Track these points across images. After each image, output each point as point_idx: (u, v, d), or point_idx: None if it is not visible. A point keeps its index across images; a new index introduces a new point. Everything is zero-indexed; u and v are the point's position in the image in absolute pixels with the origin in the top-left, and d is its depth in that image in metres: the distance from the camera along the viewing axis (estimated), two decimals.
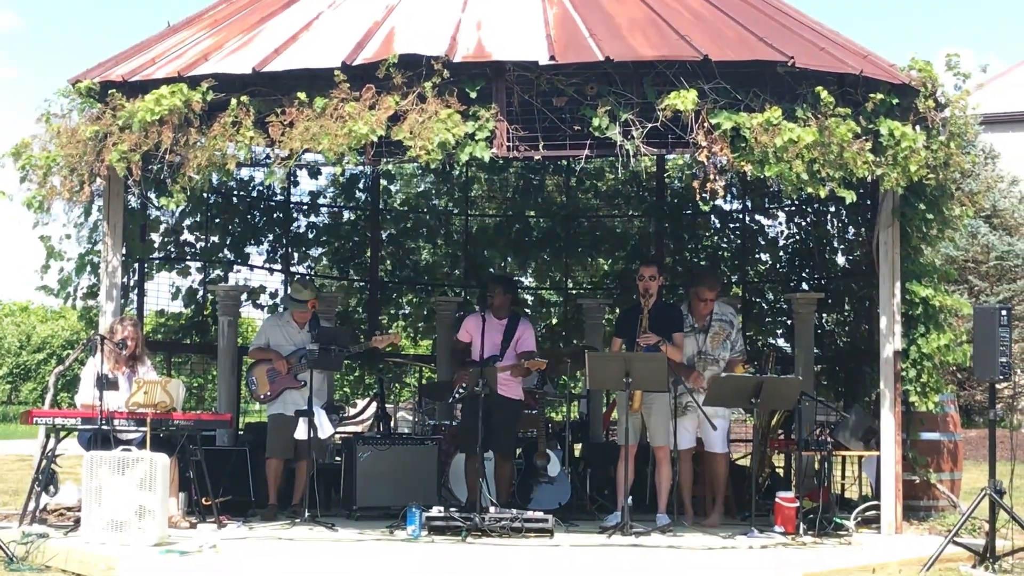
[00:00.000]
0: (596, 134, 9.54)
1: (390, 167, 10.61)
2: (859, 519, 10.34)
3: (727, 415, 10.94)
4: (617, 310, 13.01)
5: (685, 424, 10.61)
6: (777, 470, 12.50)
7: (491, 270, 15.32)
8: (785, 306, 13.79)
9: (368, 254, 15.00)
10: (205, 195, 13.17)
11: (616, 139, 9.48)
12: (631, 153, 9.46)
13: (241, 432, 12.56)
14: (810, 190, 9.49)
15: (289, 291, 11.68)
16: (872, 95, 9.62)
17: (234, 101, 9.67)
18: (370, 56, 9.60)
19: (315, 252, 15.01)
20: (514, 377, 10.66)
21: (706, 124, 9.38)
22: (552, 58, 9.46)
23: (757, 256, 14.85)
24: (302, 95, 9.53)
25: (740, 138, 9.40)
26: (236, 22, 10.74)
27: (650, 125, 9.46)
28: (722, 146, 9.39)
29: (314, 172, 14.32)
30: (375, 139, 9.38)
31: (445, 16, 10.08)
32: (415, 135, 9.35)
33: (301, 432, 10.53)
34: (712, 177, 9.51)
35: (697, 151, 9.44)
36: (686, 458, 10.80)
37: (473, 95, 9.56)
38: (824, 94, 9.39)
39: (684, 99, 9.26)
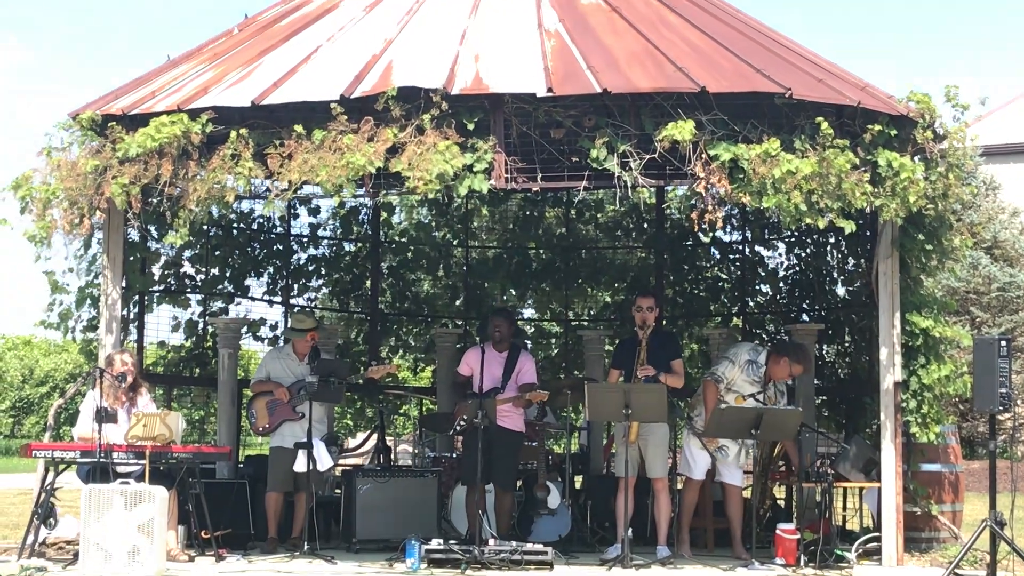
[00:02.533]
0: (594, 165, 9.57)
1: (390, 199, 10.63)
2: (860, 551, 10.31)
3: (750, 446, 10.76)
4: (617, 341, 12.98)
5: (705, 455, 10.58)
6: (778, 501, 12.46)
7: (493, 303, 15.32)
8: (786, 337, 13.76)
9: (368, 286, 15.01)
10: (205, 227, 13.20)
11: (614, 170, 9.51)
12: (629, 184, 9.49)
13: (241, 465, 12.52)
14: (809, 221, 9.50)
15: (290, 322, 11.66)
16: (870, 126, 9.62)
17: (233, 134, 9.72)
18: (368, 89, 9.64)
19: (315, 284, 15.01)
20: (516, 408, 10.64)
21: (704, 155, 9.41)
22: (550, 90, 9.50)
23: (757, 287, 14.84)
24: (300, 128, 9.57)
25: (738, 169, 9.43)
26: (235, 55, 10.78)
27: (648, 156, 9.49)
28: (720, 177, 9.41)
29: (313, 210, 14.38)
30: (373, 171, 9.42)
31: (443, 49, 10.11)
32: (413, 167, 9.38)
33: (300, 464, 10.51)
34: (711, 208, 9.53)
35: (695, 182, 9.47)
36: (694, 488, 10.76)
37: (471, 127, 9.60)
38: (823, 125, 9.42)
39: (682, 130, 9.29)
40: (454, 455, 12.11)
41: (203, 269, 13.71)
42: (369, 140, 9.48)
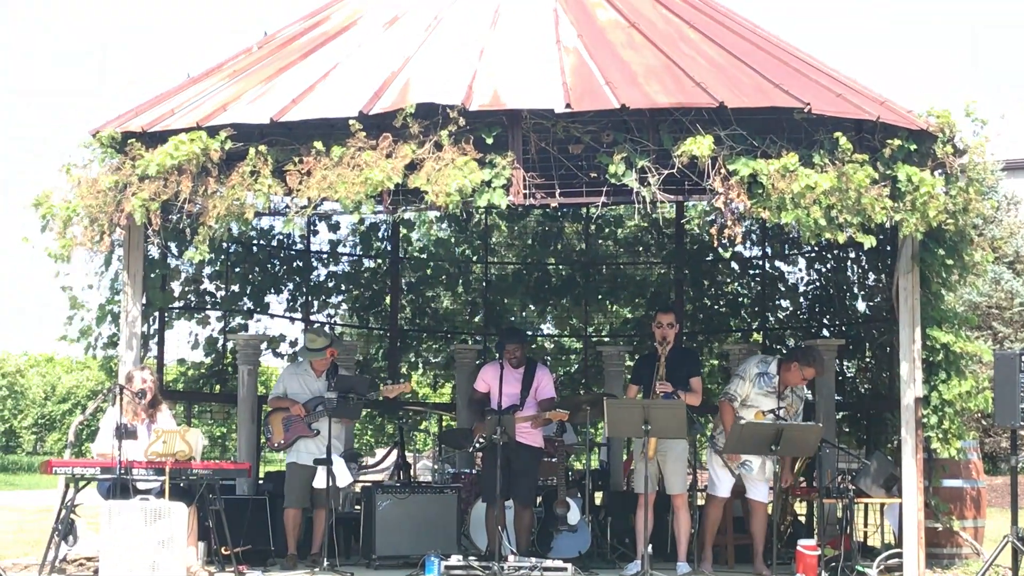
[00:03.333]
0: (613, 181, 9.56)
1: (409, 215, 10.64)
2: (882, 567, 10.27)
3: (774, 462, 10.74)
4: (636, 356, 12.98)
5: (727, 472, 10.56)
6: (799, 517, 12.42)
7: (512, 320, 15.31)
8: None
9: (388, 302, 15.02)
10: (225, 244, 13.23)
11: (632, 186, 9.50)
12: (648, 200, 9.47)
13: (261, 481, 12.55)
14: (828, 236, 9.47)
15: (304, 342, 11.67)
16: (890, 141, 9.61)
17: (252, 150, 9.74)
18: (387, 105, 9.66)
19: (335, 300, 15.02)
20: (535, 427, 10.63)
21: (723, 170, 9.39)
22: (568, 106, 9.50)
23: (777, 302, 14.81)
24: (319, 144, 9.59)
25: (757, 184, 9.41)
26: (254, 72, 10.82)
27: (666, 172, 9.49)
28: (739, 192, 9.40)
29: (333, 227, 14.41)
30: (391, 186, 9.44)
31: (461, 65, 10.13)
32: (432, 182, 9.40)
33: (320, 481, 10.52)
34: (730, 223, 9.51)
35: (714, 198, 9.45)
36: (717, 505, 10.74)
37: (490, 142, 9.60)
38: (843, 140, 9.40)
39: (700, 145, 9.28)
40: (474, 471, 12.10)
41: (223, 286, 13.74)
42: (388, 156, 9.50)
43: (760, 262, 14.77)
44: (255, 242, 13.98)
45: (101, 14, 76.83)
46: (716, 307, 15.09)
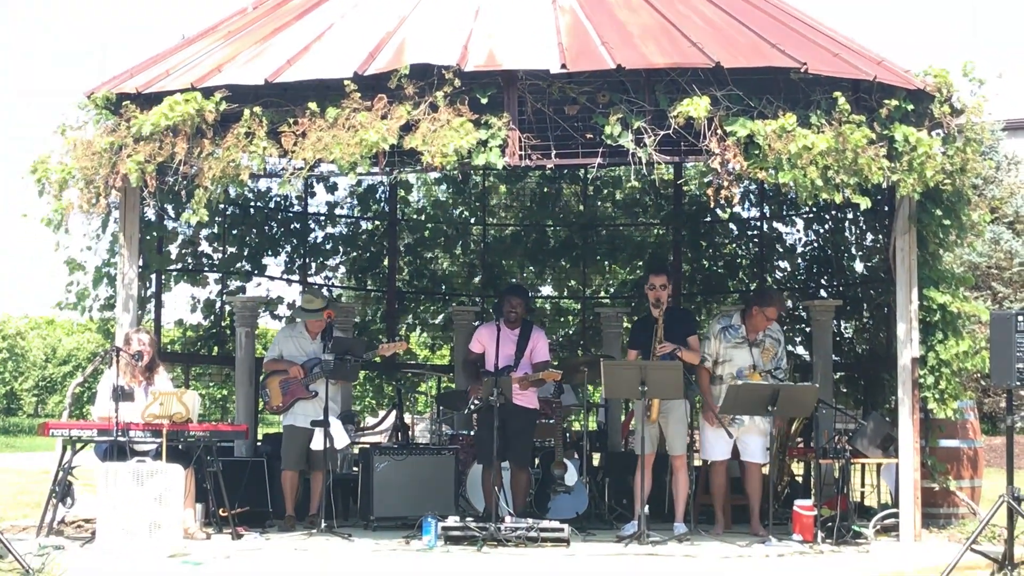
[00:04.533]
0: (609, 142, 9.53)
1: (406, 176, 10.62)
2: (878, 527, 10.29)
3: (768, 429, 10.78)
4: (635, 318, 12.98)
5: (719, 433, 10.56)
6: (796, 478, 12.44)
7: (512, 280, 15.31)
8: (803, 313, 13.72)
9: (386, 264, 15.01)
10: (222, 206, 13.20)
11: (629, 147, 9.47)
12: (644, 161, 9.44)
13: (259, 443, 12.57)
14: (825, 196, 9.45)
15: (299, 303, 11.67)
16: (887, 101, 9.57)
17: (247, 112, 9.71)
18: (382, 66, 9.61)
19: (333, 262, 15.01)
20: (523, 389, 10.61)
21: (719, 131, 9.36)
22: (563, 66, 9.45)
23: (775, 263, 14.80)
24: (314, 105, 9.56)
25: (754, 145, 9.38)
26: (249, 34, 10.76)
27: (663, 133, 9.45)
28: (735, 153, 9.37)
29: (330, 188, 14.39)
30: (387, 147, 9.42)
31: (457, 25, 10.08)
32: (428, 143, 9.37)
33: (317, 442, 10.53)
34: (727, 184, 9.48)
35: (710, 158, 9.42)
36: (720, 470, 10.76)
37: (485, 102, 9.57)
38: (840, 100, 9.36)
39: (696, 106, 9.24)
40: (471, 433, 12.12)
41: (220, 248, 13.72)
42: (383, 117, 9.46)
43: (758, 223, 14.75)
44: (252, 204, 13.96)
45: None
46: (714, 268, 15.08)
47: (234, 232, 13.83)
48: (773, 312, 10.74)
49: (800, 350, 14.03)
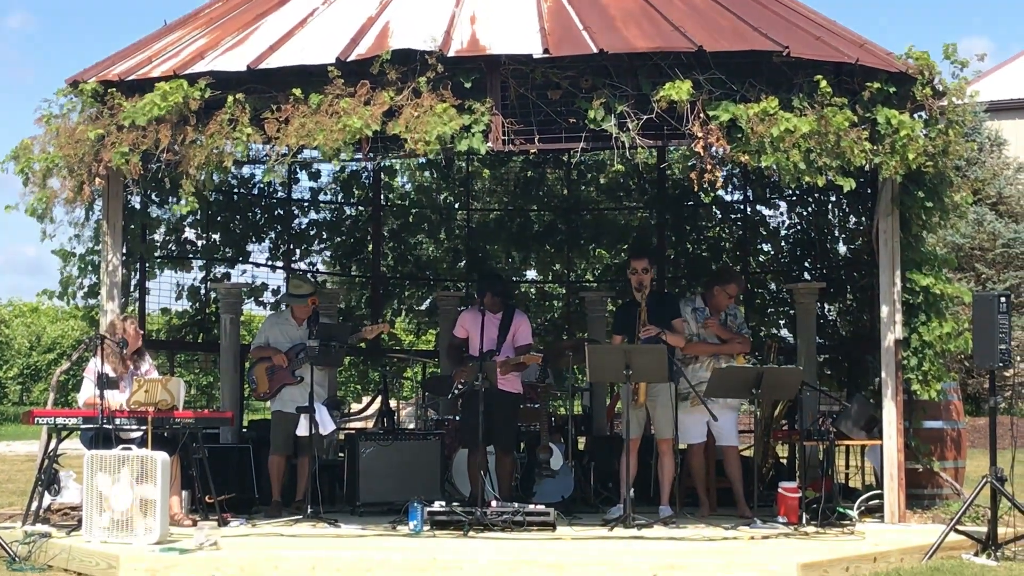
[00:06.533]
0: (592, 127, 9.54)
1: (390, 162, 10.61)
2: (862, 508, 10.35)
3: (737, 406, 10.93)
4: (619, 303, 13.00)
5: (695, 417, 10.59)
6: (780, 460, 12.49)
7: (490, 263, 15.30)
8: (787, 296, 13.77)
9: (370, 249, 15.00)
10: (205, 193, 13.17)
11: (612, 131, 9.48)
12: (627, 145, 9.46)
13: (245, 429, 12.57)
14: (808, 179, 9.47)
15: (288, 288, 11.67)
16: (869, 84, 9.59)
17: (230, 99, 9.69)
18: (364, 52, 9.61)
19: (317, 248, 14.99)
20: (504, 374, 10.62)
21: (702, 115, 9.38)
22: (546, 51, 9.46)
23: (759, 246, 14.83)
24: (297, 92, 9.55)
25: (736, 128, 9.40)
26: (231, 20, 10.74)
27: (646, 117, 9.47)
28: (718, 137, 9.39)
29: (314, 174, 14.37)
30: (370, 133, 9.41)
31: (439, 11, 10.07)
32: (411, 129, 9.36)
33: (303, 428, 10.54)
34: (710, 168, 9.50)
35: (693, 142, 9.44)
36: (698, 452, 10.80)
37: (468, 87, 9.56)
38: (822, 83, 9.38)
39: (679, 90, 9.25)
40: (457, 418, 12.14)
41: (204, 235, 13.70)
42: (366, 103, 9.45)
43: (741, 206, 14.77)
44: (236, 191, 13.93)
45: None
46: (698, 251, 15.10)
47: (218, 219, 13.81)
48: (734, 289, 10.88)
49: (784, 332, 14.08)
